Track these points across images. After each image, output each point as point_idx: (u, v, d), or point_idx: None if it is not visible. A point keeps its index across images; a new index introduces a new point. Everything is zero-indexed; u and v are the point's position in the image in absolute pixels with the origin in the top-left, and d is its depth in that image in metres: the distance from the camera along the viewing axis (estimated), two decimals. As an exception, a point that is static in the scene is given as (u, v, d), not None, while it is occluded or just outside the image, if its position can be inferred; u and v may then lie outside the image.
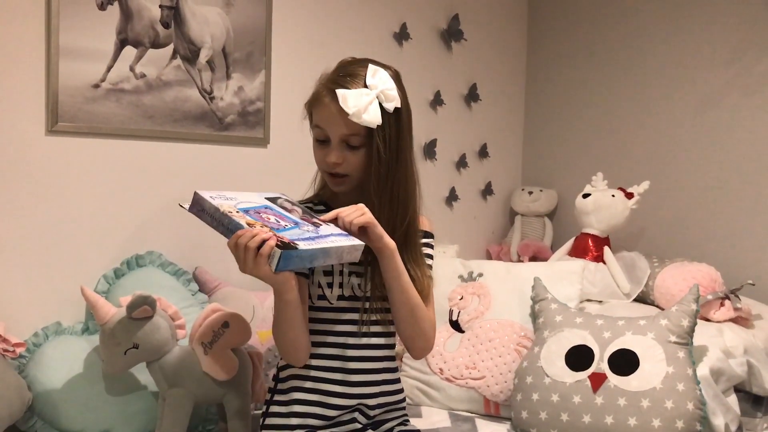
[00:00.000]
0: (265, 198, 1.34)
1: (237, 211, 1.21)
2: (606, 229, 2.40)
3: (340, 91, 1.26)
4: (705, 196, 2.46)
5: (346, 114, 1.26)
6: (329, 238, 1.23)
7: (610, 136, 2.76)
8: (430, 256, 1.45)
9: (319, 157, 1.35)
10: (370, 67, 1.31)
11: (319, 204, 1.44)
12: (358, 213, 1.26)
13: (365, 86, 1.28)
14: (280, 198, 1.37)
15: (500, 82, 2.94)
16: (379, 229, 1.28)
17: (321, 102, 1.31)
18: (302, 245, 1.16)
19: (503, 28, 2.94)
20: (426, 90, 2.61)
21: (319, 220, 1.30)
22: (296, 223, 1.26)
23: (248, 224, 1.17)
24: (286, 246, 1.14)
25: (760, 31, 2.30)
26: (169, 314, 1.53)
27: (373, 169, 1.31)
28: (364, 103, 1.26)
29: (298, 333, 1.31)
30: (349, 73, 1.31)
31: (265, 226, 1.19)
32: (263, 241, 1.13)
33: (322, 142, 1.34)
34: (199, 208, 1.22)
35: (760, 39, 2.31)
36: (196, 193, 1.22)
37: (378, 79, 1.29)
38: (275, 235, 1.16)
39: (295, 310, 1.27)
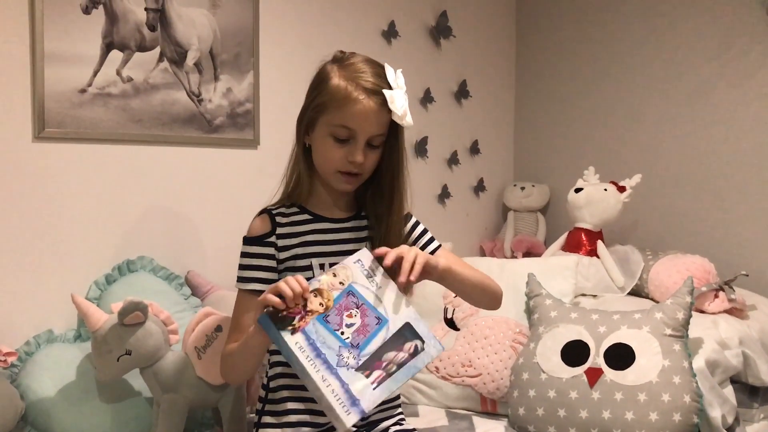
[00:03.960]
0: (413, 316, 1.20)
1: (342, 282, 1.17)
2: (599, 223, 2.39)
3: (388, 92, 1.25)
4: (697, 187, 2.46)
5: (381, 113, 1.26)
6: (344, 388, 1.10)
7: (601, 130, 2.75)
8: (426, 230, 1.44)
9: (337, 156, 1.29)
10: (387, 66, 1.30)
11: (292, 206, 1.37)
12: (415, 255, 1.22)
13: (389, 86, 1.27)
14: (425, 344, 1.19)
15: (490, 77, 2.94)
16: (432, 260, 1.25)
17: (354, 101, 1.26)
18: (291, 339, 1.10)
19: (492, 24, 2.94)
20: (416, 87, 2.61)
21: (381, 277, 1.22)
22: (357, 347, 1.14)
23: (316, 290, 1.15)
24: (282, 318, 1.11)
25: (748, 22, 2.30)
26: (162, 319, 1.52)
27: (400, 168, 1.33)
28: (407, 104, 1.27)
29: (245, 373, 1.33)
30: (375, 72, 1.28)
31: (324, 304, 1.14)
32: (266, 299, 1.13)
33: (342, 141, 1.29)
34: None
35: (747, 30, 2.31)
36: (363, 249, 1.24)
37: (400, 78, 1.29)
38: (304, 312, 1.13)
39: (252, 355, 1.26)
